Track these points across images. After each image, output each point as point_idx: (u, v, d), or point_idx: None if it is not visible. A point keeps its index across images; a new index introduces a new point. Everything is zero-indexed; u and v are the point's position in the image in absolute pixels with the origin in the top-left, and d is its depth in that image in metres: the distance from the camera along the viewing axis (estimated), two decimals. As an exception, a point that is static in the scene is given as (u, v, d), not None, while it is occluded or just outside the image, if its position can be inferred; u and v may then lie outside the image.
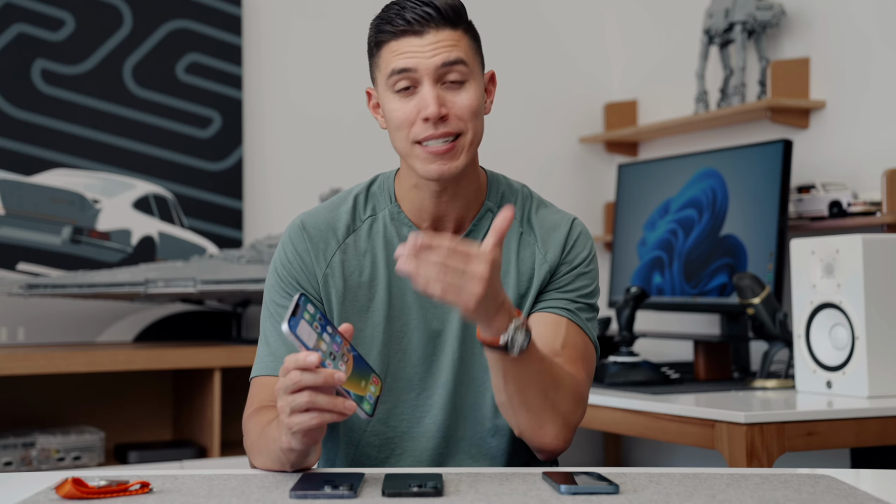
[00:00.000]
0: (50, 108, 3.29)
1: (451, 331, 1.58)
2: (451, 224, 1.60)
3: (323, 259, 1.58)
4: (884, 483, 1.43)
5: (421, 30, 1.49)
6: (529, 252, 1.61)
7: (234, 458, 3.07)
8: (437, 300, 1.33)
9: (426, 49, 1.49)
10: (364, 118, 3.65)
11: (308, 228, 1.60)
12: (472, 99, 1.51)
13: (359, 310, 1.57)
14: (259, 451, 1.45)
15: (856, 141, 2.99)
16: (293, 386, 1.26)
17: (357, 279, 1.58)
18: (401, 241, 1.58)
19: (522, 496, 1.24)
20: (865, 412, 2.24)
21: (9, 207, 3.22)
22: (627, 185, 3.43)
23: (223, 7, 3.50)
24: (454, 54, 1.49)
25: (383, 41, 1.52)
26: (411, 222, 1.59)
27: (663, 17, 3.77)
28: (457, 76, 1.50)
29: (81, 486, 1.24)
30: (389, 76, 1.51)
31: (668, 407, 2.36)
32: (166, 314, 3.42)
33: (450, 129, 1.50)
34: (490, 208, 1.62)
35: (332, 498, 1.21)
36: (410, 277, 1.30)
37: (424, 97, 1.49)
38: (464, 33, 1.52)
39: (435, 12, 1.49)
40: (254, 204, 3.55)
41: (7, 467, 2.90)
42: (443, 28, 1.50)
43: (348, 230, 1.60)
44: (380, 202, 1.62)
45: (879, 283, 2.36)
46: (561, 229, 1.62)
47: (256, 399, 1.56)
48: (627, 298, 2.80)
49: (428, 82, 1.49)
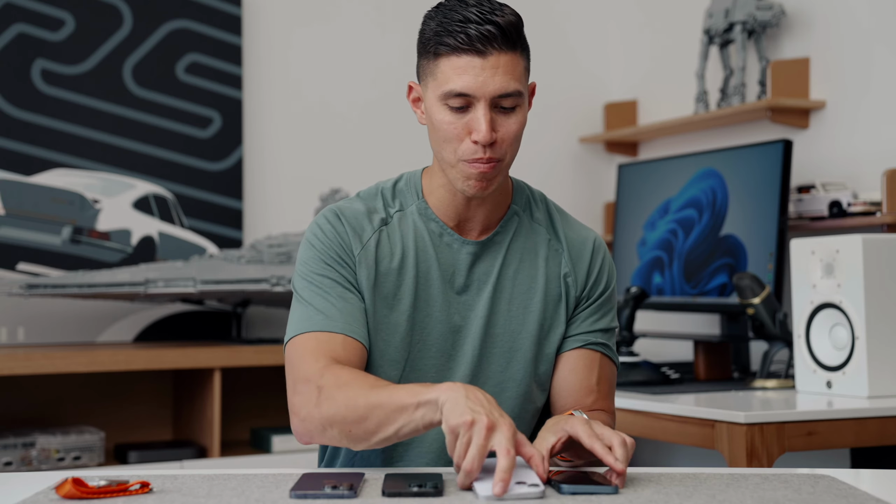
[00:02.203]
0: (50, 108, 3.29)
1: (472, 327, 1.59)
2: (479, 225, 1.62)
3: (359, 241, 1.58)
4: (884, 483, 1.43)
5: (483, 50, 1.48)
6: (556, 261, 1.65)
7: (234, 458, 3.07)
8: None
9: (486, 73, 1.48)
10: (364, 118, 3.65)
11: (344, 213, 1.60)
12: (519, 125, 1.54)
13: (386, 295, 1.58)
14: (361, 400, 1.38)
15: (856, 141, 2.99)
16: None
17: (388, 265, 1.58)
18: (430, 235, 1.60)
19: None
20: (865, 412, 2.24)
21: (9, 207, 3.22)
22: (627, 185, 3.43)
23: (223, 7, 3.50)
24: (512, 85, 1.50)
25: (441, 53, 1.50)
26: (439, 219, 1.61)
27: (663, 17, 3.77)
28: (510, 103, 1.51)
29: (81, 486, 1.24)
30: (446, 93, 1.50)
31: (668, 407, 2.36)
32: (166, 314, 3.42)
33: (495, 156, 1.51)
34: (516, 212, 1.65)
35: (333, 498, 1.21)
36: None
37: (479, 121, 1.49)
38: (521, 54, 1.53)
39: (498, 32, 1.48)
40: (254, 204, 3.55)
41: (7, 467, 2.90)
42: (504, 50, 1.49)
43: (382, 222, 1.61)
44: (407, 198, 1.63)
45: (879, 283, 2.36)
46: (587, 246, 1.67)
47: (322, 352, 1.48)
48: (627, 298, 2.80)
49: (483, 106, 1.49)
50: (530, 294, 1.62)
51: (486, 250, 1.61)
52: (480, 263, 1.61)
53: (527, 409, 1.62)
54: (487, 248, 1.61)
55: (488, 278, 1.60)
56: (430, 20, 1.53)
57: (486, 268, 1.61)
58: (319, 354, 1.48)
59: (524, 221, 1.65)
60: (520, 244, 1.63)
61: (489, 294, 1.60)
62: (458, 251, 1.60)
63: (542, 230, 1.66)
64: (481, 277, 1.61)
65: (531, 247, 1.64)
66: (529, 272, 1.62)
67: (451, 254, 1.60)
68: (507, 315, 1.61)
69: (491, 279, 1.60)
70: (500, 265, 1.61)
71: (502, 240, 1.62)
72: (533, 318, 1.61)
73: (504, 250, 1.62)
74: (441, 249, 1.60)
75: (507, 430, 1.26)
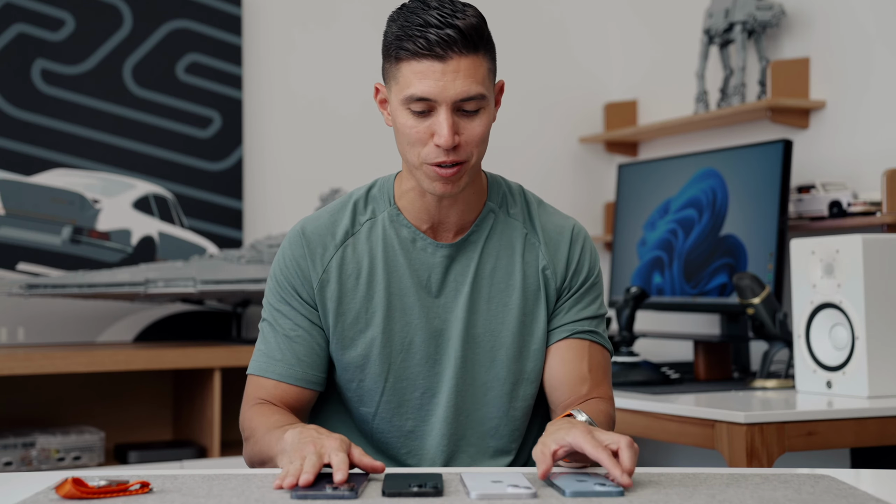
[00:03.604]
0: (50, 108, 3.29)
1: (453, 330, 1.59)
2: (453, 227, 1.61)
3: (319, 264, 1.59)
4: (884, 483, 1.43)
5: (443, 54, 1.46)
6: (534, 255, 1.63)
7: (234, 458, 3.07)
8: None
9: (447, 77, 1.47)
10: (364, 118, 3.65)
11: (307, 234, 1.61)
12: (483, 127, 1.52)
13: (358, 311, 1.58)
14: (258, 447, 1.52)
15: (856, 141, 2.99)
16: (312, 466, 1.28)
17: (354, 281, 1.59)
18: (400, 242, 1.59)
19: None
20: (865, 412, 2.24)
21: (9, 207, 3.22)
22: (627, 185, 3.43)
23: (223, 7, 3.50)
24: (474, 89, 1.48)
25: (402, 57, 1.49)
26: (411, 224, 1.60)
27: (663, 17, 3.77)
28: (473, 106, 1.50)
29: (81, 486, 1.24)
30: (407, 98, 1.49)
31: (668, 407, 2.36)
32: (166, 314, 3.42)
33: (458, 158, 1.50)
34: (492, 209, 1.63)
35: (333, 498, 1.21)
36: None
37: (440, 125, 1.48)
38: (484, 56, 1.50)
39: (458, 35, 1.46)
40: (254, 204, 3.55)
41: (7, 467, 2.90)
42: (465, 54, 1.47)
43: (346, 234, 1.61)
44: (379, 205, 1.63)
45: (879, 283, 2.36)
46: (564, 236, 1.65)
47: (253, 394, 1.61)
48: (627, 298, 2.80)
49: (445, 111, 1.48)
50: (509, 291, 1.61)
51: (460, 252, 1.60)
52: (456, 265, 1.60)
53: (515, 406, 1.61)
54: (462, 249, 1.60)
55: (465, 279, 1.60)
56: (393, 23, 1.52)
57: (462, 269, 1.60)
58: (251, 398, 1.60)
59: (500, 218, 1.63)
60: (495, 242, 1.62)
61: (467, 295, 1.59)
62: (432, 255, 1.60)
63: (519, 225, 1.64)
64: (458, 279, 1.60)
65: (507, 243, 1.62)
66: (506, 269, 1.61)
67: (424, 258, 1.60)
68: (486, 314, 1.60)
69: (468, 280, 1.60)
70: (475, 265, 1.60)
71: (477, 239, 1.61)
72: (513, 315, 1.60)
73: (479, 250, 1.61)
74: (414, 255, 1.59)
75: (334, 441, 1.32)
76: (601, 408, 1.58)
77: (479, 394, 1.59)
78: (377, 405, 1.60)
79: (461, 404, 1.59)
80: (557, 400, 1.62)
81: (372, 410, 1.60)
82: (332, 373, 1.63)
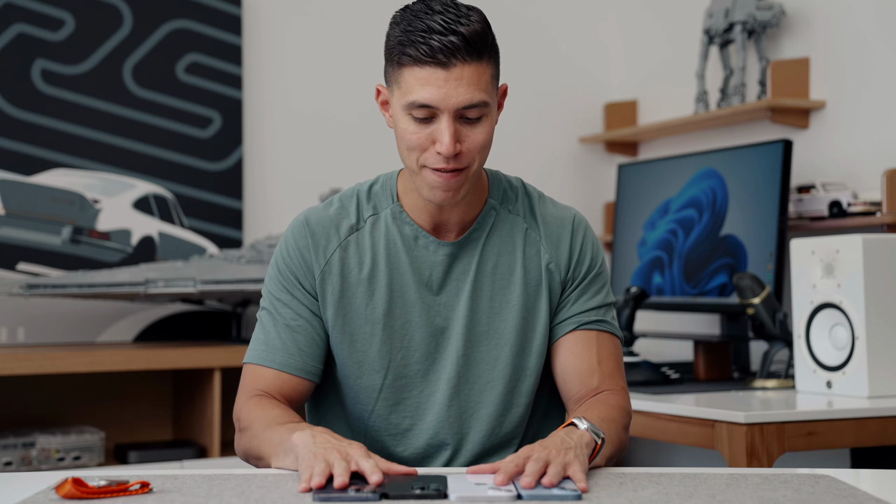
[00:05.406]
0: (50, 108, 3.29)
1: (454, 328, 1.59)
2: (455, 226, 1.61)
3: (322, 256, 1.59)
4: (884, 483, 1.43)
5: (446, 61, 1.44)
6: (535, 250, 1.63)
7: (234, 458, 3.06)
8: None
9: (450, 85, 1.45)
10: (364, 118, 3.65)
11: (311, 224, 1.61)
12: (486, 134, 1.50)
13: (357, 306, 1.59)
14: (255, 441, 1.50)
15: (856, 141, 2.99)
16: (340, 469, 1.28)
17: (356, 276, 1.59)
18: (402, 240, 1.59)
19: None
20: (865, 412, 2.24)
21: (9, 207, 3.22)
22: (627, 185, 3.43)
23: (223, 7, 3.50)
24: (477, 97, 1.46)
25: (405, 63, 1.47)
26: (413, 222, 1.60)
27: (663, 17, 3.77)
28: (476, 114, 1.48)
29: (81, 486, 1.24)
30: (409, 104, 1.47)
31: (668, 407, 2.36)
32: (166, 314, 3.42)
33: (460, 165, 1.49)
34: (493, 206, 1.63)
35: (357, 500, 1.21)
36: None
37: (442, 133, 1.47)
38: (488, 62, 1.49)
39: (462, 42, 1.44)
40: (254, 204, 3.55)
41: (7, 467, 2.90)
42: (468, 61, 1.45)
43: (350, 229, 1.61)
44: (381, 202, 1.62)
45: (879, 283, 2.36)
46: (565, 228, 1.64)
47: (251, 384, 1.59)
48: (627, 298, 2.80)
49: (447, 118, 1.47)
50: (510, 288, 1.60)
51: (462, 250, 1.60)
52: (458, 263, 1.60)
53: (518, 403, 1.61)
54: (464, 247, 1.60)
55: (466, 277, 1.60)
56: (396, 25, 1.50)
57: (463, 267, 1.60)
58: (248, 388, 1.58)
59: (501, 215, 1.63)
60: (496, 239, 1.62)
61: (468, 292, 1.59)
62: (434, 253, 1.59)
63: (520, 220, 1.64)
64: (459, 277, 1.60)
65: (508, 240, 1.62)
66: (508, 266, 1.61)
67: (426, 256, 1.59)
68: (489, 312, 1.60)
69: (469, 277, 1.59)
70: (476, 262, 1.60)
71: (478, 237, 1.61)
72: (514, 311, 1.60)
73: (480, 247, 1.61)
74: (416, 253, 1.59)
75: (357, 449, 1.32)
76: (612, 401, 1.57)
77: (478, 391, 1.60)
78: (374, 402, 1.60)
79: (460, 403, 1.59)
80: (569, 394, 1.62)
81: (369, 408, 1.60)
82: (330, 367, 1.63)
